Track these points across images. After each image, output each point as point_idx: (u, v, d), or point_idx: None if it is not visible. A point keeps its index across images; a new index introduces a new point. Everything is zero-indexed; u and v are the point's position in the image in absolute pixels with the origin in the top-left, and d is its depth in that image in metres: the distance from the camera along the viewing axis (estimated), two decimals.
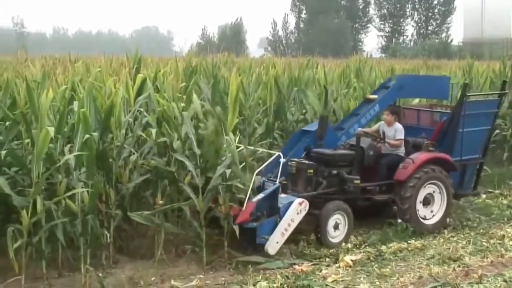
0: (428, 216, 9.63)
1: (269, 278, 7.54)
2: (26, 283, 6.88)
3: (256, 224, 8.02)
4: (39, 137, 6.88)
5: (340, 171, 9.24)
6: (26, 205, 6.85)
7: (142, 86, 9.56)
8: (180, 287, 7.31)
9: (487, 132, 10.57)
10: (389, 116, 9.92)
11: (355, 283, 7.45)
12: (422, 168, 9.38)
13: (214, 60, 12.54)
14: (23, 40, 73.87)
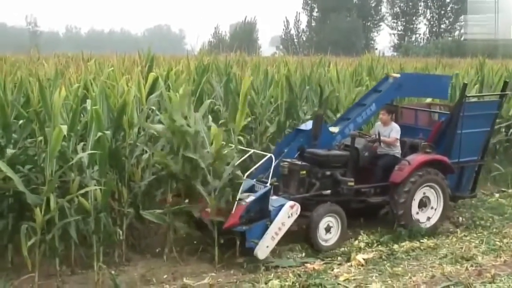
0: (424, 219, 9.40)
1: (281, 276, 7.55)
2: (39, 280, 6.92)
3: (245, 228, 7.77)
4: (52, 135, 6.91)
5: (334, 173, 8.98)
6: (40, 203, 6.89)
7: (154, 84, 9.59)
8: (192, 285, 7.32)
9: (486, 134, 10.31)
10: (385, 116, 9.72)
11: (367, 282, 7.44)
12: (418, 170, 9.16)
13: (227, 58, 12.52)
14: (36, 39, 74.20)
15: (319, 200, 8.73)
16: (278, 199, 8.25)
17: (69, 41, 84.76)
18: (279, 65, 13.23)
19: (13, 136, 7.69)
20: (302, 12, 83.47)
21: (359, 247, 8.70)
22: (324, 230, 8.50)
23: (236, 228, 7.77)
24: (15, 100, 7.99)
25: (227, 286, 7.25)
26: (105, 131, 7.55)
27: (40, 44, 64.36)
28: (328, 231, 8.54)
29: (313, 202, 8.70)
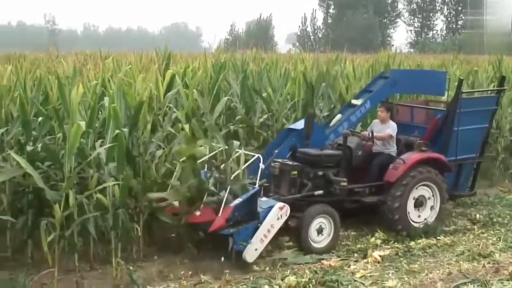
0: (420, 219, 9.11)
1: (297, 273, 7.53)
2: (58, 275, 6.95)
3: (233, 230, 7.52)
4: (71, 132, 6.96)
5: (326, 172, 8.71)
6: (59, 199, 6.94)
7: (172, 82, 9.62)
8: (209, 281, 7.34)
9: (484, 130, 10.04)
10: (383, 113, 9.43)
11: (383, 279, 7.41)
12: (413, 169, 8.88)
13: (243, 56, 12.54)
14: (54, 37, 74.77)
15: (312, 200, 8.49)
16: (268, 200, 8.01)
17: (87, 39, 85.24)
18: (296, 62, 13.22)
19: (32, 133, 7.77)
20: (318, 9, 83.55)
21: (375, 244, 8.67)
22: (316, 231, 8.23)
23: (223, 231, 7.52)
24: (35, 98, 8.07)
25: (243, 282, 7.25)
26: (123, 128, 7.59)
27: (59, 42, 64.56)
28: (320, 233, 8.26)
29: (305, 203, 8.42)
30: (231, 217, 7.53)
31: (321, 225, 8.24)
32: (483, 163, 12.68)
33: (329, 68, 12.43)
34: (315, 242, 8.22)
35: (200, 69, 11.21)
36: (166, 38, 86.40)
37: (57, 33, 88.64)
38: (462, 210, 10.69)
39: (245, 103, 10.99)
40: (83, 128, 6.97)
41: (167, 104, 9.64)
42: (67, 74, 9.84)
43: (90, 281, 7.16)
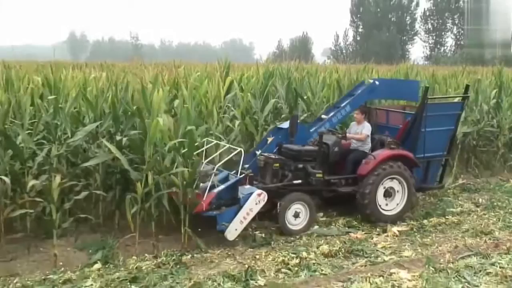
0: (389, 208, 8.60)
1: (329, 242, 7.52)
2: (139, 239, 7.08)
3: (216, 213, 7.27)
4: (151, 126, 7.05)
5: (305, 165, 8.37)
6: (140, 179, 7.05)
7: (230, 86, 9.68)
8: (258, 246, 7.38)
9: (450, 131, 9.42)
10: (359, 115, 9.00)
11: (400, 250, 7.33)
12: (383, 164, 8.45)
13: (288, 66, 12.47)
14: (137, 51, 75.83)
15: (292, 189, 8.13)
16: (250, 187, 7.63)
17: (163, 52, 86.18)
18: (331, 72, 13.09)
19: (120, 126, 7.90)
20: (349, 28, 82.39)
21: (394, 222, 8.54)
22: (293, 216, 7.91)
23: (207, 213, 7.27)
24: (123, 98, 8.18)
25: (285, 249, 7.25)
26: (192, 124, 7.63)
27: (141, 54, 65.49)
28: (296, 217, 7.94)
29: (286, 191, 8.09)
30: (214, 201, 7.29)
31: (297, 210, 7.92)
32: (486, 156, 12.46)
33: (358, 77, 12.24)
34: (292, 225, 7.90)
35: (253, 77, 11.20)
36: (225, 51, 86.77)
37: (139, 47, 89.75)
38: (468, 195, 10.44)
39: (289, 104, 10.93)
40: (161, 123, 7.04)
41: (226, 104, 9.70)
42: (148, 80, 9.98)
43: (163, 244, 7.25)
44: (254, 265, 6.58)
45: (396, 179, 8.60)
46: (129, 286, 5.89)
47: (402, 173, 8.60)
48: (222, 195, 7.40)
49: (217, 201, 7.34)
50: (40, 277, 6.16)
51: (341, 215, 8.78)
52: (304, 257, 6.85)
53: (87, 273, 6.29)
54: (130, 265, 6.52)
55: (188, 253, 6.98)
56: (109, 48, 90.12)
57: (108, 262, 6.60)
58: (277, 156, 8.32)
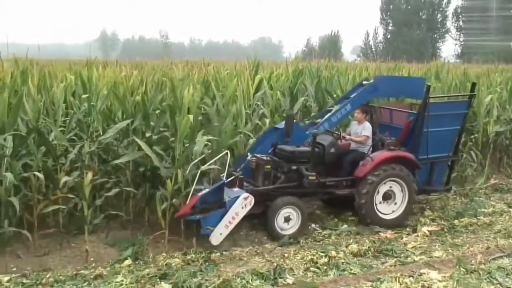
0: (388, 211, 8.24)
1: (358, 241, 7.45)
2: (169, 236, 7.14)
3: (200, 217, 6.99)
4: (181, 124, 7.09)
5: (299, 167, 7.96)
6: (170, 176, 7.10)
7: (260, 84, 9.66)
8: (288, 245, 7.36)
9: (456, 131, 8.99)
10: (359, 115, 8.59)
11: (431, 250, 7.22)
12: (381, 166, 8.07)
13: (318, 64, 12.42)
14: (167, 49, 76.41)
15: (284, 192, 7.79)
16: (238, 190, 7.37)
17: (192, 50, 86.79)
18: (361, 70, 12.97)
19: (151, 124, 7.96)
20: (379, 25, 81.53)
21: (424, 222, 8.44)
22: (283, 220, 7.58)
23: (190, 217, 7.03)
24: (153, 96, 8.25)
25: (314, 248, 7.21)
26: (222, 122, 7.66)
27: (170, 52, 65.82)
28: (287, 221, 7.59)
29: (278, 194, 7.74)
30: (198, 205, 7.03)
31: (289, 215, 7.59)
32: None
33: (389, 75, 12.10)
34: (282, 229, 7.57)
35: (283, 75, 11.18)
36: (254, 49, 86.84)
37: (169, 45, 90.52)
38: (500, 195, 10.25)
39: (318, 102, 10.88)
40: (191, 120, 7.08)
41: (255, 102, 9.70)
42: (178, 78, 10.04)
43: (193, 241, 7.26)
44: (283, 263, 6.56)
45: (396, 182, 8.24)
46: (158, 282, 5.94)
47: (402, 176, 8.23)
48: (207, 198, 7.11)
49: (201, 205, 7.05)
50: (72, 272, 6.26)
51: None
52: (333, 256, 6.81)
53: (118, 269, 6.36)
54: (159, 262, 6.58)
55: (216, 250, 7.00)
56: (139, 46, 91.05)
57: (138, 259, 6.66)
58: (269, 158, 7.94)
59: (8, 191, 6.46)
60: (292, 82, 10.65)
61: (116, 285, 5.85)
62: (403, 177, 8.23)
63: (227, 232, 7.01)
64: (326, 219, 8.55)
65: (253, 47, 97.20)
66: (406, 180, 8.25)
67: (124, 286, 5.81)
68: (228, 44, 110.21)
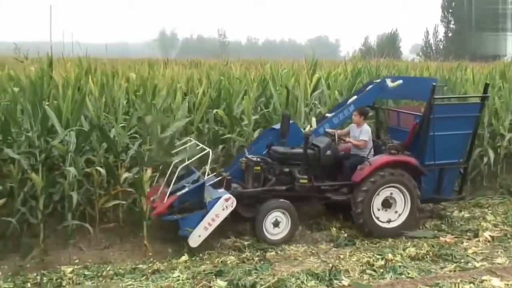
0: (387, 219, 7.69)
1: (416, 245, 7.29)
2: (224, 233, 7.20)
3: (178, 217, 6.78)
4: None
5: (292, 170, 7.63)
6: None
7: (317, 83, 9.59)
8: (343, 246, 7.30)
9: (467, 136, 8.27)
10: (357, 117, 8.07)
11: (493, 256, 6.97)
12: (380, 171, 7.53)
13: (377, 63, 12.22)
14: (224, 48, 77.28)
15: (275, 195, 7.45)
16: (222, 191, 7.10)
17: (249, 49, 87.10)
18: (421, 69, 12.67)
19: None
20: (440, 24, 79.41)
21: (486, 227, 8.13)
22: (272, 224, 7.23)
23: (167, 217, 6.83)
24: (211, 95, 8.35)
25: (370, 250, 7.12)
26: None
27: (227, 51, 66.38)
28: (276, 226, 7.25)
29: (269, 196, 7.42)
30: (176, 205, 6.82)
31: (277, 218, 7.25)
32: None
33: (451, 75, 11.75)
34: (271, 234, 7.24)
35: (341, 74, 11.07)
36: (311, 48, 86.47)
37: (226, 44, 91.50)
38: None
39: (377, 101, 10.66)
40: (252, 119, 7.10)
41: (313, 101, 9.66)
42: (235, 76, 10.15)
43: (248, 240, 7.29)
44: (338, 265, 6.50)
45: (397, 188, 7.67)
46: (214, 279, 6.01)
47: (403, 182, 7.65)
48: (186, 198, 6.89)
49: (179, 204, 6.86)
50: (130, 266, 6.43)
51: (429, 218, 8.48)
52: (389, 259, 6.69)
53: (175, 264, 6.49)
54: (215, 259, 6.65)
55: (272, 249, 7.02)
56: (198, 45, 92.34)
57: (194, 255, 6.75)
58: (259, 159, 7.62)
59: (71, 186, 6.71)
60: (351, 82, 10.51)
61: (173, 280, 5.97)
62: (405, 183, 7.66)
63: (206, 235, 6.72)
64: None
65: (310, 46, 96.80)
66: (408, 187, 7.67)
67: (181, 282, 5.92)
68: (284, 43, 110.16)
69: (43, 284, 5.88)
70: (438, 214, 8.46)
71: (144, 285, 5.87)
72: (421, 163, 7.88)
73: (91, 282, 5.95)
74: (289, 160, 7.67)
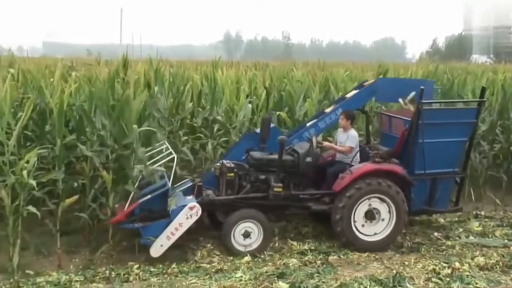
0: (370, 233, 7.14)
1: (485, 254, 7.02)
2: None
3: (138, 225, 6.47)
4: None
5: (269, 177, 7.14)
6: None
7: None
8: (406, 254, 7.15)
9: (462, 144, 7.65)
10: (343, 121, 7.53)
11: None
12: (361, 180, 6.99)
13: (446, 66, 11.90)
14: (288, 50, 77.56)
15: (249, 203, 7.02)
16: (189, 199, 6.84)
17: (313, 51, 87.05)
18: (496, 73, 12.17)
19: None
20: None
21: None
22: (242, 235, 6.84)
23: (126, 225, 6.53)
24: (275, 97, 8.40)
25: (436, 258, 6.92)
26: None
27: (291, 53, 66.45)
28: (247, 237, 6.85)
29: (243, 204, 7.02)
30: (137, 212, 6.53)
31: (247, 229, 6.84)
32: None
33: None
34: (241, 245, 6.85)
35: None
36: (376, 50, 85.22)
37: (290, 46, 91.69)
38: None
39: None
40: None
41: (377, 105, 9.55)
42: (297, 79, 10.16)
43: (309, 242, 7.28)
44: (403, 271, 6.35)
45: (381, 199, 7.11)
46: (276, 281, 6.02)
47: (388, 193, 7.07)
48: (148, 206, 6.61)
49: (141, 212, 6.58)
50: (194, 265, 6.55)
51: (499, 226, 8.18)
52: (456, 268, 6.47)
53: (237, 264, 6.54)
54: (277, 261, 6.65)
55: (334, 253, 6.97)
56: (262, 47, 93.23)
57: (256, 256, 6.79)
58: (233, 164, 7.23)
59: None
60: None
61: (235, 280, 6.02)
62: (390, 194, 7.07)
63: (169, 244, 6.46)
64: (450, 229, 8.17)
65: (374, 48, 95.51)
66: (393, 199, 7.09)
67: (243, 282, 5.97)
68: (348, 44, 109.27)
69: (112, 279, 6.09)
70: (509, 222, 8.11)
71: (207, 284, 5.95)
72: (411, 173, 7.35)
73: (157, 279, 6.10)
74: (265, 167, 7.21)
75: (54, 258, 6.55)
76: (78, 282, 5.98)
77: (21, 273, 6.11)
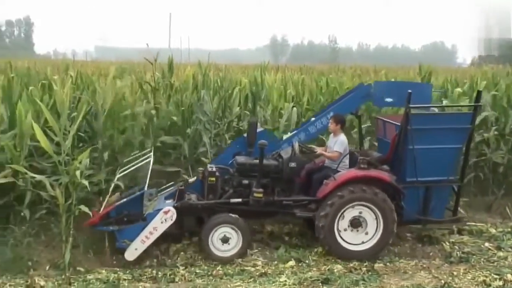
0: (355, 242, 6.88)
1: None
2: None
3: (114, 228, 6.46)
4: None
5: (252, 182, 6.99)
6: None
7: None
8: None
9: (458, 151, 7.22)
10: (332, 125, 7.29)
11: None
12: (346, 187, 6.73)
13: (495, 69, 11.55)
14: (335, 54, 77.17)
15: (231, 208, 6.90)
16: (168, 203, 6.83)
17: (360, 55, 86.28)
18: None
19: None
20: None
21: None
22: (220, 241, 6.75)
23: (102, 228, 6.49)
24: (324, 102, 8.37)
25: (486, 269, 6.72)
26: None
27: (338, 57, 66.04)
28: (225, 242, 6.76)
29: (224, 209, 6.90)
30: (112, 215, 6.51)
31: (225, 234, 6.76)
32: None
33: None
34: (220, 251, 6.77)
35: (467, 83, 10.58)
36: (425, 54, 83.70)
37: (337, 50, 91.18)
38: None
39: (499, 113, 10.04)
40: None
41: None
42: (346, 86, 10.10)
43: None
44: (451, 282, 6.22)
45: (368, 207, 6.84)
46: (321, 286, 6.00)
47: (374, 201, 6.78)
48: (124, 209, 6.57)
49: (117, 215, 6.55)
50: (239, 268, 6.58)
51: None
52: (509, 280, 6.28)
53: (282, 269, 6.54)
54: (322, 266, 6.62)
55: (380, 261, 6.88)
56: (308, 51, 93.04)
57: (301, 261, 6.78)
58: (215, 169, 7.09)
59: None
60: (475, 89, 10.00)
61: (279, 284, 6.04)
62: (376, 202, 6.79)
63: (143, 248, 6.50)
64: (502, 239, 7.92)
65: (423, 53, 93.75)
66: (380, 207, 6.80)
67: (287, 287, 5.98)
68: (397, 48, 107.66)
69: (158, 279, 6.20)
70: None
71: (251, 287, 5.99)
72: (402, 180, 7.06)
73: (202, 280, 6.17)
74: (249, 172, 7.08)
75: (102, 256, 6.69)
76: (126, 280, 6.12)
77: (72, 270, 6.29)
